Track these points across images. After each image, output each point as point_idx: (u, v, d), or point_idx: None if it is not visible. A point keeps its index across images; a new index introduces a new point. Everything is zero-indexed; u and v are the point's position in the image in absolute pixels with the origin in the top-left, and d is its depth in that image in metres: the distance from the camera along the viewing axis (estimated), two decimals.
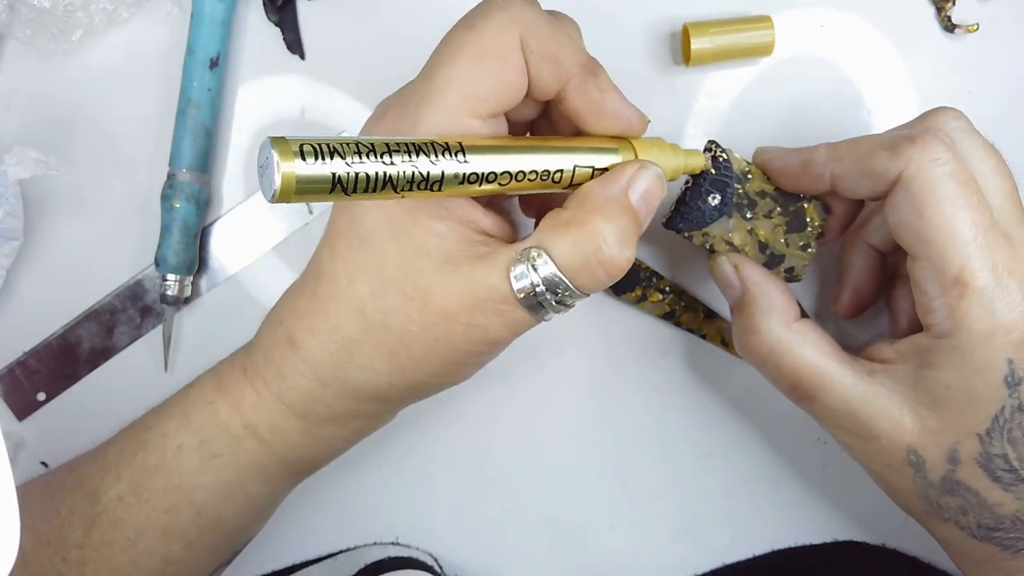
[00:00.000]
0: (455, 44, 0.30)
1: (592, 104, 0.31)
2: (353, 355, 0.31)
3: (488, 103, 0.29)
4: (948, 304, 0.31)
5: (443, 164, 0.27)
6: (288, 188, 0.23)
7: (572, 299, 0.30)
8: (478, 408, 0.42)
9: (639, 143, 0.32)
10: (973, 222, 0.30)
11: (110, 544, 0.34)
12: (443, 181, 0.27)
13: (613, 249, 0.29)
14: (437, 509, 0.43)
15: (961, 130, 0.32)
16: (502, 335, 0.30)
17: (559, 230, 0.29)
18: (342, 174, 0.24)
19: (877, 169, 0.32)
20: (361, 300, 0.31)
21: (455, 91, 0.29)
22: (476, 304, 0.29)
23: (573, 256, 0.29)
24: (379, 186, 0.25)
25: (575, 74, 0.30)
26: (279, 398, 0.33)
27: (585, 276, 0.29)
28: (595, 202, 0.30)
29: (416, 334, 0.30)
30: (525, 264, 0.29)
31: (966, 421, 0.31)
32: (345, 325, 0.31)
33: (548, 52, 0.30)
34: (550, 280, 0.29)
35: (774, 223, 0.36)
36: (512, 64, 0.29)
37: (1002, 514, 0.32)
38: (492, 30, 0.29)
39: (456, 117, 0.29)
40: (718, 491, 0.43)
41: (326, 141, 0.24)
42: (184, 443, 0.34)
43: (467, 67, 0.29)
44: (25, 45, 0.40)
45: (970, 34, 0.41)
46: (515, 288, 0.29)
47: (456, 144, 0.27)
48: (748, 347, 0.35)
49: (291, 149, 0.23)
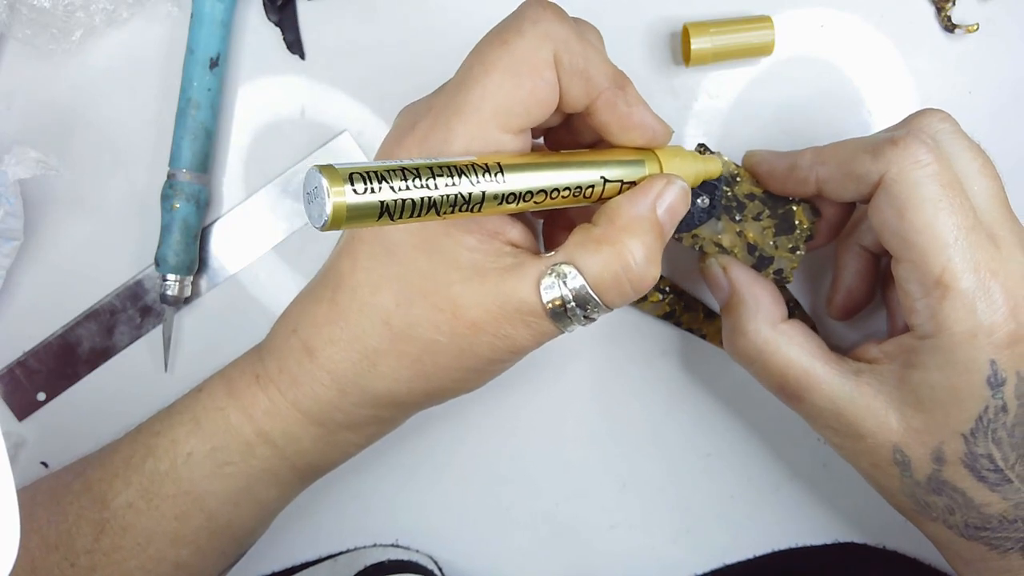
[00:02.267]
0: (488, 59, 0.30)
1: (620, 118, 0.31)
2: (376, 364, 0.31)
3: (520, 118, 0.30)
4: (930, 305, 0.31)
5: (483, 185, 0.27)
6: (339, 217, 0.23)
7: (598, 313, 0.30)
8: (478, 409, 0.42)
9: (663, 153, 0.33)
10: (955, 224, 0.30)
11: (120, 549, 0.34)
12: (484, 202, 0.27)
13: (642, 268, 0.29)
14: (437, 510, 0.43)
15: (946, 131, 0.32)
16: (528, 345, 0.31)
17: (590, 247, 0.30)
18: (389, 201, 0.24)
19: (860, 172, 0.32)
20: (386, 310, 0.31)
21: (489, 106, 0.29)
22: (505, 316, 0.30)
23: (603, 273, 0.29)
24: (423, 211, 0.25)
25: (605, 88, 0.30)
26: (294, 406, 0.33)
27: (614, 293, 0.30)
28: (625, 220, 0.30)
29: (443, 344, 0.31)
30: (555, 278, 0.29)
31: (950, 421, 0.31)
32: (368, 335, 0.31)
33: (579, 68, 0.30)
34: (579, 295, 0.29)
35: (763, 225, 0.36)
36: (546, 80, 0.29)
37: (989, 514, 0.32)
38: (526, 46, 0.29)
39: (488, 132, 0.29)
40: (718, 491, 0.43)
41: (373, 168, 0.24)
42: (195, 450, 0.34)
43: (501, 83, 0.29)
44: (25, 45, 0.40)
45: (970, 34, 0.41)
46: (544, 301, 0.29)
47: (495, 165, 0.27)
48: (736, 347, 0.36)
49: (341, 177, 0.23)
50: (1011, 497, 0.31)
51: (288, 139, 0.42)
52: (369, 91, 0.42)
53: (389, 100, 0.42)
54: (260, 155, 0.42)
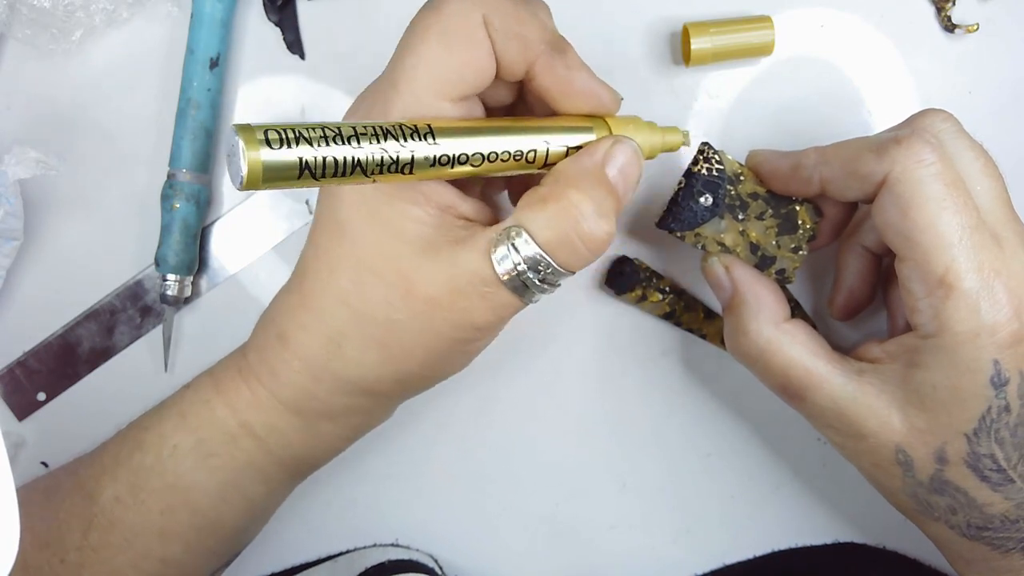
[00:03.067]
0: (420, 28, 0.29)
1: (560, 82, 0.30)
2: (342, 347, 0.31)
3: (457, 85, 0.29)
4: (933, 305, 0.31)
5: (412, 147, 0.27)
6: (255, 175, 0.23)
7: (556, 278, 0.29)
8: (477, 409, 0.42)
9: (614, 121, 0.32)
10: (959, 223, 0.30)
11: (108, 546, 0.34)
12: (413, 164, 0.27)
13: (591, 223, 0.29)
14: (437, 510, 0.43)
15: (949, 131, 0.32)
16: (488, 319, 0.30)
17: (536, 207, 0.29)
18: (309, 159, 0.24)
19: (864, 171, 0.32)
20: (344, 291, 0.31)
21: (422, 74, 0.29)
22: (459, 288, 0.29)
23: (551, 231, 0.29)
24: (348, 170, 0.25)
25: (541, 52, 0.30)
26: (273, 395, 0.33)
27: (566, 252, 0.29)
28: (570, 176, 0.29)
29: (402, 323, 0.30)
30: (505, 244, 0.29)
31: (953, 421, 0.31)
32: (332, 318, 0.31)
33: (513, 31, 0.29)
34: (532, 259, 0.29)
35: (766, 225, 0.36)
36: (478, 44, 0.29)
37: (991, 514, 0.32)
38: (455, 11, 0.29)
39: (426, 101, 0.29)
40: (718, 491, 0.43)
41: (292, 127, 0.24)
42: (180, 443, 0.34)
43: (433, 50, 0.29)
44: (25, 45, 0.40)
45: (970, 34, 0.41)
46: (498, 270, 0.29)
47: (425, 126, 0.27)
48: (738, 347, 0.36)
49: (256, 136, 0.24)
50: (1013, 497, 0.31)
51: None
52: None
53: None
54: None
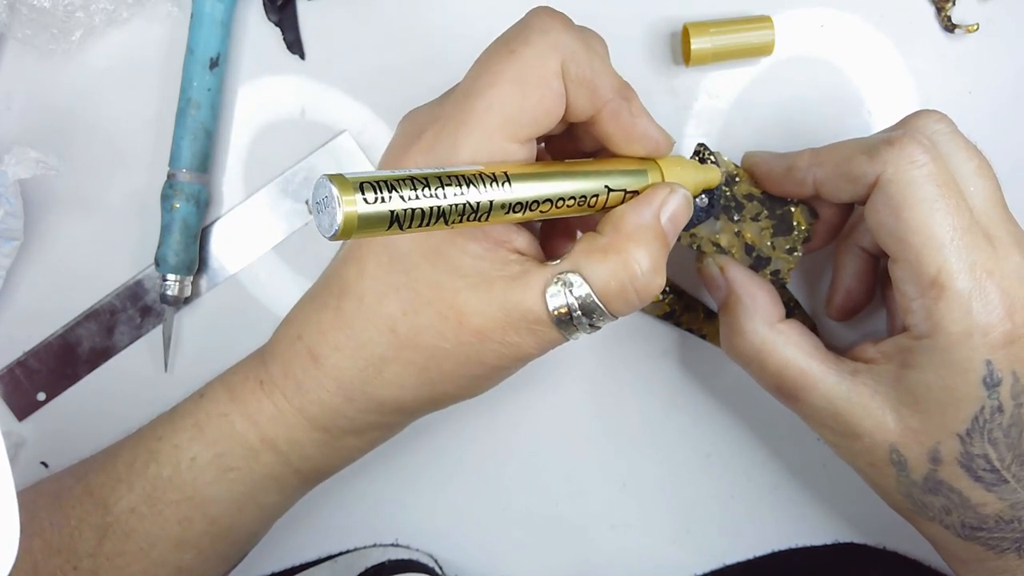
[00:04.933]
0: (495, 69, 0.29)
1: (624, 129, 0.31)
2: (382, 372, 0.32)
3: (527, 128, 0.29)
4: (926, 305, 0.31)
5: (491, 194, 0.27)
6: (350, 226, 0.23)
7: (603, 321, 0.30)
8: (478, 409, 0.42)
9: (664, 163, 0.33)
10: (951, 224, 0.30)
11: (123, 554, 0.34)
12: (491, 211, 0.27)
13: (648, 276, 0.29)
14: (437, 509, 0.43)
15: (943, 132, 0.32)
16: (533, 353, 0.31)
17: (596, 256, 0.29)
18: (399, 211, 0.24)
19: (856, 173, 0.32)
20: (392, 318, 0.31)
21: (495, 116, 0.29)
22: (511, 323, 0.30)
23: (609, 282, 0.29)
24: (433, 220, 0.25)
25: (610, 99, 0.30)
26: (300, 412, 0.33)
27: (620, 302, 0.30)
28: (630, 229, 0.30)
29: (448, 351, 0.31)
30: (561, 287, 0.29)
31: (946, 421, 0.31)
32: (375, 343, 0.31)
33: (586, 78, 0.30)
34: (585, 303, 0.29)
35: (761, 226, 0.36)
36: (553, 91, 0.29)
37: (985, 514, 0.32)
38: (534, 57, 0.29)
39: (495, 142, 0.29)
40: (718, 491, 0.43)
41: (383, 178, 0.24)
42: (198, 455, 0.34)
43: (508, 93, 0.29)
44: (25, 45, 0.40)
45: (970, 34, 0.41)
46: (550, 309, 0.29)
47: (502, 174, 0.27)
48: (733, 347, 0.36)
49: (352, 186, 0.23)
50: (1007, 497, 0.32)
51: (288, 139, 0.42)
52: (369, 91, 0.42)
53: (389, 100, 0.42)
54: (260, 155, 0.42)
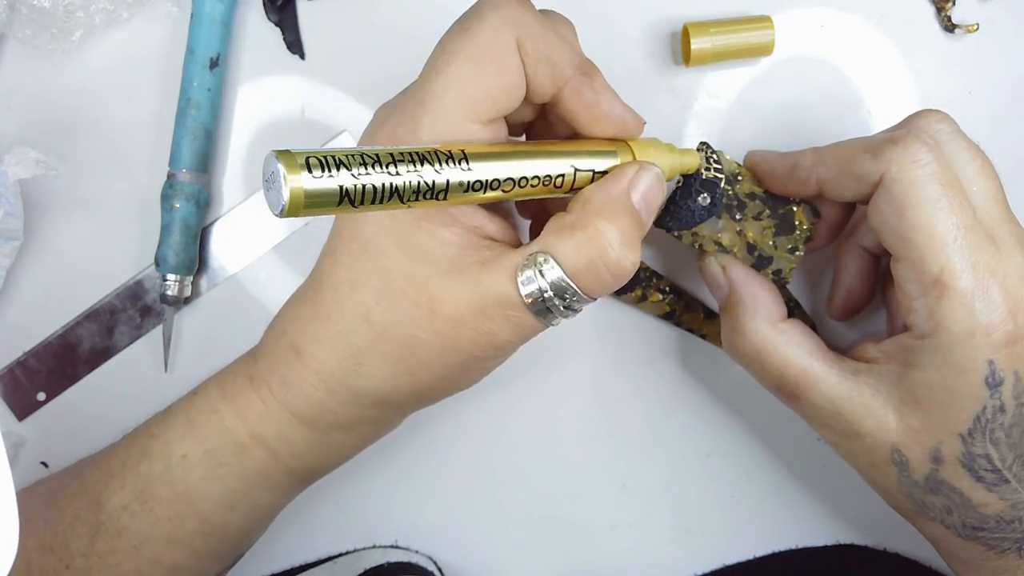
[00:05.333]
0: (450, 48, 0.29)
1: (588, 106, 0.31)
2: (361, 363, 0.31)
3: (486, 107, 0.29)
4: (928, 305, 0.31)
5: (447, 173, 0.26)
6: (297, 202, 0.23)
7: (579, 303, 0.30)
8: (477, 409, 0.42)
9: (636, 144, 0.32)
10: (954, 223, 0.30)
11: (115, 552, 0.34)
12: (448, 190, 0.26)
13: (618, 252, 0.29)
14: (436, 510, 0.43)
15: (946, 132, 0.32)
16: (509, 340, 0.30)
17: (563, 234, 0.29)
18: (349, 186, 0.24)
19: (860, 171, 0.32)
20: (366, 307, 0.31)
21: (452, 96, 0.29)
22: (484, 309, 0.29)
23: (578, 259, 0.29)
24: (386, 197, 0.25)
25: (570, 76, 0.30)
26: (285, 407, 0.33)
27: (591, 279, 0.29)
28: (597, 204, 0.29)
29: (423, 340, 0.30)
30: (532, 269, 0.29)
31: (948, 421, 0.31)
32: (351, 333, 0.31)
33: (543, 54, 0.29)
34: (557, 284, 0.29)
35: (763, 225, 0.36)
36: (509, 67, 0.29)
37: (986, 514, 0.32)
38: (487, 32, 0.29)
39: (455, 122, 0.29)
40: (718, 492, 0.43)
41: (331, 153, 0.24)
42: (189, 452, 0.34)
43: (464, 71, 0.29)
44: (25, 45, 0.40)
45: (970, 34, 0.41)
46: (523, 293, 0.29)
47: (459, 152, 0.27)
48: (735, 347, 0.36)
49: (297, 162, 0.23)
50: (1008, 497, 0.31)
51: (288, 139, 0.42)
52: (369, 91, 0.42)
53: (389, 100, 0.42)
54: (260, 155, 0.42)
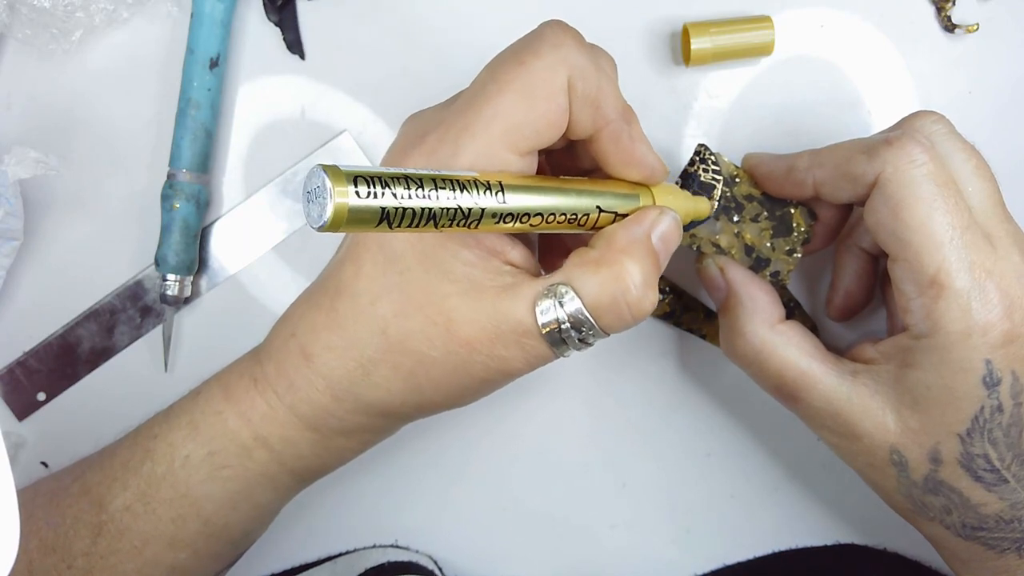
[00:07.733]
0: (502, 77, 0.29)
1: (622, 152, 0.31)
2: (370, 374, 0.31)
3: (529, 140, 0.29)
4: (925, 305, 0.31)
5: (483, 202, 0.26)
6: (339, 219, 0.23)
7: (593, 338, 0.30)
8: (477, 409, 0.42)
9: (657, 190, 0.33)
10: (950, 223, 0.30)
11: (117, 552, 0.34)
12: (482, 219, 0.27)
13: (640, 291, 0.29)
14: (437, 510, 0.43)
15: (941, 132, 0.32)
16: (520, 368, 0.31)
17: (587, 268, 0.29)
18: (391, 208, 0.24)
19: (856, 173, 0.32)
20: (384, 320, 0.31)
21: (499, 125, 0.29)
22: (499, 335, 0.29)
23: (602, 295, 0.29)
24: (423, 222, 0.25)
25: (612, 120, 0.30)
26: (291, 410, 0.33)
27: (611, 316, 0.29)
28: (623, 243, 0.30)
29: (436, 359, 0.30)
30: (552, 299, 0.29)
31: (946, 421, 0.31)
32: (365, 344, 0.31)
33: (591, 97, 0.30)
34: (575, 317, 0.29)
35: (760, 227, 0.36)
36: (558, 106, 0.29)
37: (986, 514, 0.32)
38: (543, 70, 0.29)
39: (496, 151, 0.29)
40: (718, 492, 0.43)
41: (378, 173, 0.24)
42: (192, 453, 0.34)
43: (514, 103, 0.29)
44: (25, 45, 0.40)
45: (970, 34, 0.41)
46: (540, 322, 0.29)
47: (497, 183, 0.27)
48: (733, 348, 0.36)
49: (345, 178, 0.23)
50: (1008, 497, 0.31)
51: (288, 139, 0.42)
52: (369, 91, 0.42)
53: (389, 100, 0.42)
54: (260, 155, 0.42)
